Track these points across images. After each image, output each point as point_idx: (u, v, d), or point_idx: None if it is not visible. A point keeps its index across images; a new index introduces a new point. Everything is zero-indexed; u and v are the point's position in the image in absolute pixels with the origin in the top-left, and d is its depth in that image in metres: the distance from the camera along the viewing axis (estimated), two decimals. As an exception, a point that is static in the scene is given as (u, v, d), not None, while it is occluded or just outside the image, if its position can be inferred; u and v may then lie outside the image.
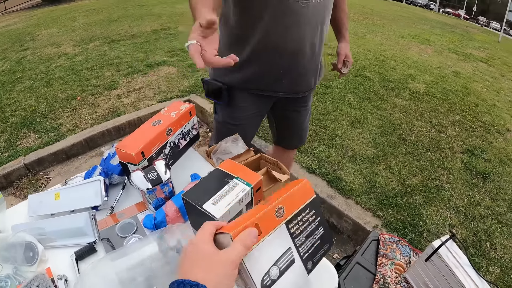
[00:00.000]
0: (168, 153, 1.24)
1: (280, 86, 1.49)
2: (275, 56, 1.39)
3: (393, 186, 2.54)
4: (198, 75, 4.28)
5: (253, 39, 1.36)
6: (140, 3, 10.57)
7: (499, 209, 2.54)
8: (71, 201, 1.07)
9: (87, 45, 5.98)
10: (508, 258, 2.16)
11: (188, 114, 1.31)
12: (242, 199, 0.85)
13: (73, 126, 3.29)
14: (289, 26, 1.32)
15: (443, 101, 4.20)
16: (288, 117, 1.76)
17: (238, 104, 1.55)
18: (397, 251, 1.58)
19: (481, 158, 3.11)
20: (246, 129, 1.64)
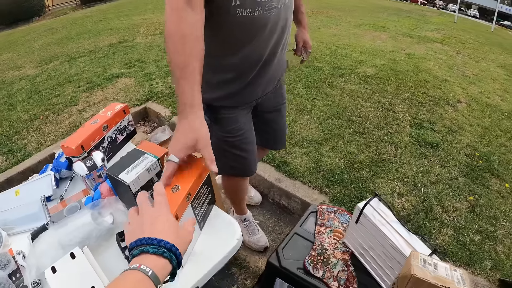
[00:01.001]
0: (106, 146, 1.45)
1: (254, 94, 1.47)
2: (248, 72, 1.36)
3: (339, 164, 2.62)
4: (154, 83, 4.35)
5: (225, 60, 1.33)
6: (98, 19, 10.51)
7: (450, 174, 2.65)
8: (28, 195, 1.29)
9: (47, 65, 5.98)
10: (461, 219, 2.27)
11: (122, 112, 1.53)
12: (150, 168, 1.05)
13: (38, 144, 3.35)
14: (260, 40, 1.28)
15: (392, 81, 4.31)
16: (269, 117, 1.73)
17: (222, 117, 1.49)
18: (335, 219, 1.65)
19: (430, 129, 3.23)
20: (250, 137, 1.61)
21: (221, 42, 1.27)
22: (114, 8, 13.13)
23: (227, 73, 1.35)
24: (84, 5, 18.43)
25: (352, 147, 2.84)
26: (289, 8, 1.33)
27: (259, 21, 1.21)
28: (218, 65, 1.33)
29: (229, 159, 1.62)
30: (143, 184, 1.05)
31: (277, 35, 1.31)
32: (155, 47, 6.06)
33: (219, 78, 1.37)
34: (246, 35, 1.24)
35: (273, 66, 1.42)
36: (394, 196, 2.36)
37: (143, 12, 10.59)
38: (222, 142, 1.54)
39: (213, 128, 1.44)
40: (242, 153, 1.60)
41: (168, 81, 4.34)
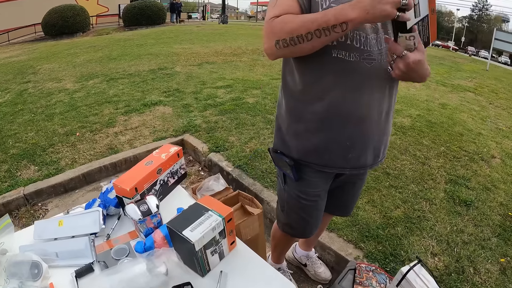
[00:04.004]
0: (158, 189, 1.44)
1: (345, 161, 1.34)
2: (337, 125, 1.26)
3: (375, 218, 2.63)
4: (192, 115, 4.45)
5: (311, 105, 1.26)
6: (139, 43, 10.89)
7: (483, 234, 2.61)
8: (73, 228, 1.26)
9: (87, 81, 6.21)
10: (492, 281, 2.21)
11: (176, 156, 1.53)
12: (215, 227, 1.05)
13: (71, 161, 3.44)
14: (353, 89, 1.19)
15: (427, 133, 4.31)
16: (343, 187, 1.63)
17: (308, 179, 1.44)
18: (373, 278, 1.68)
19: (465, 186, 3.20)
20: (321, 205, 1.57)
21: (310, 84, 1.24)
22: (155, 34, 13.56)
23: (313, 121, 1.28)
24: (127, 28, 19.13)
25: (388, 202, 2.84)
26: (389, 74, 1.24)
27: (353, 68, 1.16)
28: (304, 111, 1.29)
29: (292, 219, 1.63)
30: (207, 242, 1.05)
31: (377, 95, 1.24)
32: (194, 78, 6.21)
33: (305, 126, 1.31)
34: (337, 79, 1.19)
35: (371, 132, 1.30)
36: (427, 255, 2.35)
37: (183, 42, 10.91)
38: (294, 200, 1.52)
39: (290, 185, 1.50)
40: (307, 217, 1.58)
41: (206, 115, 4.44)
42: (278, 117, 1.47)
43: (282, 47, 1.09)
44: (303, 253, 2.29)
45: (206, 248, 1.06)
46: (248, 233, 1.43)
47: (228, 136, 3.83)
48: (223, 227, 1.10)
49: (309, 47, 1.08)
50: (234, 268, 1.13)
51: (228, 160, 3.36)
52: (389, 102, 1.31)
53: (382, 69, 1.19)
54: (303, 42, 1.06)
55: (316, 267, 2.27)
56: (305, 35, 1.04)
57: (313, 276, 2.28)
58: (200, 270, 1.09)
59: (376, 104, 1.25)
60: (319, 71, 1.20)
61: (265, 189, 2.96)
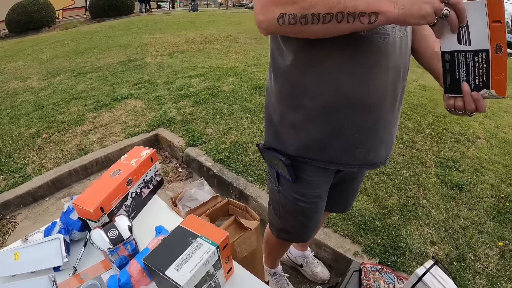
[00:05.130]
0: (130, 204, 1.19)
1: (352, 156, 1.12)
2: (344, 114, 1.04)
3: (370, 209, 2.49)
4: (165, 107, 4.20)
5: (312, 89, 1.04)
6: (107, 35, 10.52)
7: (478, 218, 2.55)
8: (32, 261, 1.03)
9: (54, 78, 5.87)
10: (493, 266, 2.15)
11: (149, 161, 1.26)
12: (207, 260, 0.82)
13: (39, 166, 3.15)
14: (364, 69, 0.99)
15: (412, 116, 4.23)
16: (342, 182, 1.44)
17: (308, 179, 1.23)
18: (380, 279, 1.52)
19: (455, 169, 3.12)
20: (321, 206, 1.37)
21: (311, 63, 1.01)
22: (123, 25, 13.18)
23: (314, 108, 1.05)
24: (94, 20, 18.51)
25: (381, 190, 2.71)
26: (408, 46, 1.07)
27: (365, 44, 0.96)
28: (303, 97, 1.06)
29: (288, 223, 1.42)
30: (199, 280, 0.82)
31: (392, 76, 1.03)
32: (166, 68, 5.96)
33: (304, 115, 1.08)
34: (345, 57, 0.97)
35: (384, 121, 1.09)
36: (427, 245, 2.23)
37: (152, 31, 10.62)
38: (291, 203, 1.32)
39: (285, 186, 1.30)
40: (306, 221, 1.37)
41: (180, 107, 4.19)
42: (268, 106, 1.22)
43: (287, 23, 0.86)
44: (298, 253, 2.12)
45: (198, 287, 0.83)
46: (244, 250, 1.20)
47: (205, 128, 3.61)
48: (218, 257, 0.87)
49: (322, 31, 0.85)
50: None
51: (207, 154, 3.14)
52: (402, 86, 1.11)
53: (397, 46, 1.00)
54: (317, 23, 0.83)
55: (313, 267, 2.10)
56: (323, 15, 0.81)
57: (311, 276, 2.12)
58: None
59: (390, 87, 1.04)
60: (322, 47, 0.97)
61: (250, 184, 2.75)
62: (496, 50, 0.77)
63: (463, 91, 0.87)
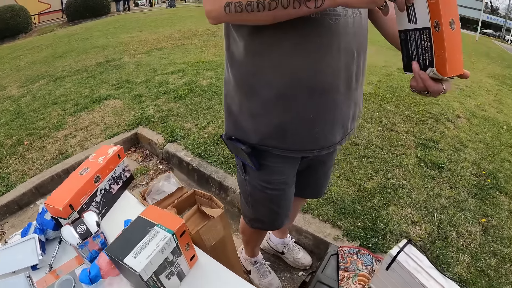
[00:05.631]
0: (100, 201, 1.22)
1: (312, 141, 1.13)
2: (299, 99, 1.03)
3: (349, 193, 2.49)
4: (144, 106, 4.16)
5: (266, 76, 1.03)
6: (84, 37, 10.37)
7: (460, 196, 2.56)
8: (10, 262, 1.07)
9: (32, 85, 5.77)
10: (476, 243, 2.17)
11: (116, 157, 1.29)
12: (164, 247, 0.86)
13: (22, 174, 3.10)
14: (315, 53, 0.97)
15: (390, 99, 4.24)
16: (311, 167, 1.43)
17: (271, 166, 1.23)
18: (358, 262, 1.52)
19: (435, 149, 3.14)
20: (289, 193, 1.37)
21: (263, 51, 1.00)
22: (100, 25, 13.01)
23: (270, 95, 1.04)
24: (71, 22, 18.20)
25: (360, 173, 2.70)
26: (363, 27, 1.06)
27: (315, 27, 0.94)
28: (258, 85, 1.05)
29: (259, 212, 1.42)
30: (158, 267, 0.86)
31: (344, 58, 1.01)
32: (144, 67, 5.89)
33: (261, 103, 1.07)
34: (296, 42, 0.96)
35: (340, 103, 1.09)
36: (408, 225, 2.23)
37: (130, 30, 10.50)
38: (258, 192, 1.32)
39: (251, 174, 1.30)
40: (276, 209, 1.38)
41: (159, 104, 4.15)
42: (227, 96, 1.21)
43: (233, 11, 0.85)
44: (279, 240, 2.12)
45: (158, 274, 0.86)
46: (211, 238, 1.21)
47: (184, 123, 3.58)
48: (176, 243, 0.90)
49: (269, 18, 0.85)
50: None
51: (186, 149, 3.11)
52: (358, 67, 1.09)
53: (349, 26, 0.98)
54: (263, 10, 0.83)
55: (294, 254, 2.10)
56: (268, 1, 0.81)
57: (293, 263, 2.12)
58: None
59: (343, 69, 1.03)
60: (271, 32, 0.96)
61: (229, 175, 2.74)
62: (435, 27, 0.77)
63: (413, 70, 0.86)
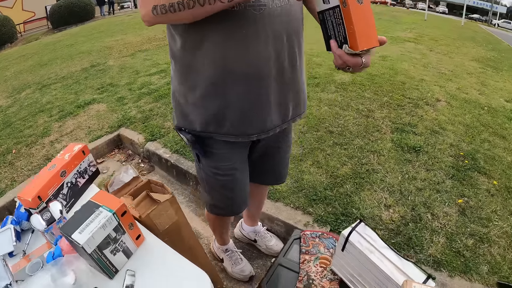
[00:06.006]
0: (67, 193, 1.35)
1: (249, 126, 1.20)
2: (232, 87, 1.11)
3: (321, 180, 2.52)
4: (126, 108, 4.21)
5: (201, 69, 1.11)
6: (69, 43, 10.40)
7: (436, 178, 2.59)
8: None
9: (19, 94, 5.81)
10: (452, 224, 2.18)
11: (81, 154, 1.42)
12: (105, 224, 0.98)
13: (11, 181, 3.16)
14: (241, 43, 1.04)
15: (369, 86, 4.26)
16: (266, 154, 1.49)
17: (217, 153, 1.31)
18: (320, 245, 1.55)
19: (412, 133, 3.18)
20: (240, 178, 1.43)
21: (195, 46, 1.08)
22: (85, 31, 13.03)
23: (207, 86, 1.13)
24: (56, 29, 18.20)
25: (334, 160, 2.73)
26: (292, 15, 1.10)
27: (238, 19, 1.00)
28: (196, 77, 1.14)
29: (216, 198, 1.50)
30: (100, 242, 0.98)
31: (274, 46, 1.08)
32: (127, 69, 5.93)
33: (200, 94, 1.16)
34: (222, 35, 1.03)
35: (272, 89, 1.15)
36: (381, 209, 2.26)
37: (114, 34, 10.51)
38: (211, 178, 1.40)
39: (202, 162, 1.37)
40: (229, 194, 1.45)
41: (140, 105, 4.19)
42: (174, 90, 1.29)
43: (160, 13, 0.94)
44: (250, 229, 2.17)
45: (102, 249, 0.99)
46: (164, 222, 1.29)
47: (163, 122, 3.62)
48: (117, 222, 1.03)
49: (189, 16, 0.94)
50: (143, 265, 1.07)
51: (165, 146, 3.16)
52: (290, 53, 1.15)
53: (276, 15, 1.05)
54: (184, 10, 0.91)
55: (266, 241, 2.15)
56: (187, 1, 0.89)
57: (265, 250, 2.16)
58: (105, 273, 1.03)
59: (272, 56, 1.09)
60: (201, 28, 1.03)
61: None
62: (343, 3, 0.81)
63: (331, 48, 0.91)
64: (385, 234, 2.10)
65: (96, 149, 3.47)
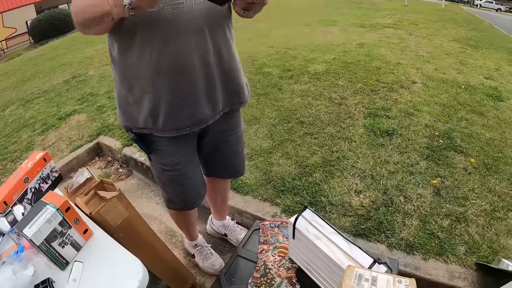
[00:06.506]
0: (31, 198, 1.45)
1: (181, 119, 1.27)
2: (160, 83, 1.19)
3: (290, 171, 2.54)
4: (105, 116, 4.25)
5: (132, 69, 1.20)
6: (51, 56, 10.36)
7: (410, 160, 2.60)
8: None
9: (4, 111, 5.84)
10: (426, 206, 2.19)
11: (42, 161, 1.52)
12: (50, 219, 1.10)
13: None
14: (162, 41, 1.11)
15: (343, 74, 4.27)
16: (216, 147, 1.57)
17: (158, 149, 1.39)
18: (279, 234, 1.58)
19: (385, 117, 3.19)
20: (188, 172, 1.50)
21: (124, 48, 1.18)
22: (66, 43, 12.92)
23: (139, 84, 1.22)
24: (38, 43, 18.11)
25: (303, 150, 2.76)
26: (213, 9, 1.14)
27: (155, 19, 1.06)
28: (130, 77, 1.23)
29: (170, 193, 1.57)
30: (48, 235, 1.09)
31: (195, 40, 1.14)
32: (107, 78, 5.91)
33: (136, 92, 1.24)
34: (144, 36, 1.10)
35: (199, 82, 1.22)
36: (351, 195, 2.28)
37: (94, 43, 10.42)
38: (161, 174, 1.49)
39: (152, 159, 1.47)
40: (180, 188, 1.52)
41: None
42: (116, 92, 1.37)
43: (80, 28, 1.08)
44: (219, 223, 2.22)
45: (49, 241, 1.10)
46: (115, 219, 1.36)
47: (139, 126, 3.62)
48: (62, 217, 1.13)
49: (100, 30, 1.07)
50: (90, 257, 1.18)
51: (140, 150, 3.17)
52: (215, 46, 1.22)
53: (196, 11, 1.11)
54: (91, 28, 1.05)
55: (236, 234, 2.20)
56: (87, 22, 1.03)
57: (236, 243, 2.20)
58: (56, 264, 1.13)
59: (195, 51, 1.17)
60: (126, 32, 1.12)
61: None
62: None
63: None
64: (355, 220, 2.11)
65: (77, 158, 3.52)
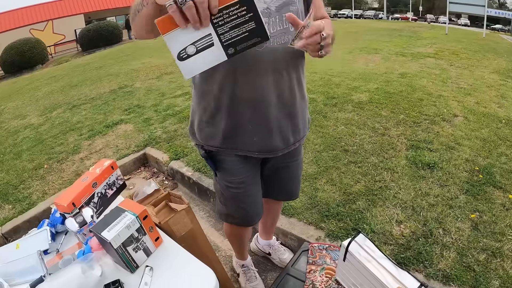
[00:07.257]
0: (97, 202, 1.52)
1: (252, 144, 1.39)
2: (237, 110, 1.31)
3: (334, 197, 2.62)
4: (152, 128, 4.42)
5: (212, 93, 1.31)
6: (98, 65, 10.78)
7: (450, 194, 2.61)
8: (27, 248, 1.36)
9: (51, 113, 6.12)
10: (464, 239, 2.20)
11: (110, 169, 1.59)
12: (129, 225, 1.16)
13: (42, 193, 3.41)
14: (244, 74, 1.24)
15: (386, 104, 4.33)
16: (276, 171, 1.66)
17: (226, 168, 1.50)
18: (327, 256, 1.65)
19: (427, 149, 3.22)
20: (251, 191, 1.60)
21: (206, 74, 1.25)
22: (113, 54, 13.45)
23: (217, 107, 1.33)
24: (85, 52, 18.90)
25: (347, 178, 2.83)
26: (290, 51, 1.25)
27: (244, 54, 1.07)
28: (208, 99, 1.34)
29: (230, 209, 1.66)
30: (125, 240, 1.14)
31: (273, 77, 1.27)
32: (154, 91, 6.17)
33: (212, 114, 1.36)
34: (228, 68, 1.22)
35: (271, 114, 1.33)
36: (392, 224, 2.33)
37: (141, 57, 10.80)
38: (225, 190, 1.57)
39: (219, 176, 1.56)
40: (242, 205, 1.62)
41: (165, 126, 4.41)
42: (192, 110, 1.51)
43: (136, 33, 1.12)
44: (265, 242, 2.31)
45: (126, 246, 1.15)
46: (180, 229, 1.49)
47: (187, 142, 3.82)
48: (139, 224, 1.19)
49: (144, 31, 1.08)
50: (160, 263, 1.24)
51: (188, 165, 3.34)
52: (289, 83, 1.33)
53: (277, 52, 1.22)
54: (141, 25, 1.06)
55: (280, 254, 2.28)
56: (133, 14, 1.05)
57: (279, 263, 2.29)
58: (127, 267, 1.19)
59: (272, 86, 1.28)
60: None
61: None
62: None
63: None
64: (395, 249, 2.15)
65: (123, 167, 3.69)
